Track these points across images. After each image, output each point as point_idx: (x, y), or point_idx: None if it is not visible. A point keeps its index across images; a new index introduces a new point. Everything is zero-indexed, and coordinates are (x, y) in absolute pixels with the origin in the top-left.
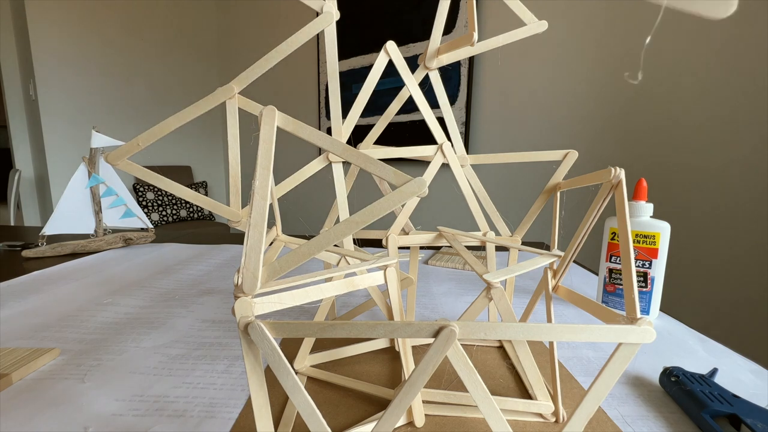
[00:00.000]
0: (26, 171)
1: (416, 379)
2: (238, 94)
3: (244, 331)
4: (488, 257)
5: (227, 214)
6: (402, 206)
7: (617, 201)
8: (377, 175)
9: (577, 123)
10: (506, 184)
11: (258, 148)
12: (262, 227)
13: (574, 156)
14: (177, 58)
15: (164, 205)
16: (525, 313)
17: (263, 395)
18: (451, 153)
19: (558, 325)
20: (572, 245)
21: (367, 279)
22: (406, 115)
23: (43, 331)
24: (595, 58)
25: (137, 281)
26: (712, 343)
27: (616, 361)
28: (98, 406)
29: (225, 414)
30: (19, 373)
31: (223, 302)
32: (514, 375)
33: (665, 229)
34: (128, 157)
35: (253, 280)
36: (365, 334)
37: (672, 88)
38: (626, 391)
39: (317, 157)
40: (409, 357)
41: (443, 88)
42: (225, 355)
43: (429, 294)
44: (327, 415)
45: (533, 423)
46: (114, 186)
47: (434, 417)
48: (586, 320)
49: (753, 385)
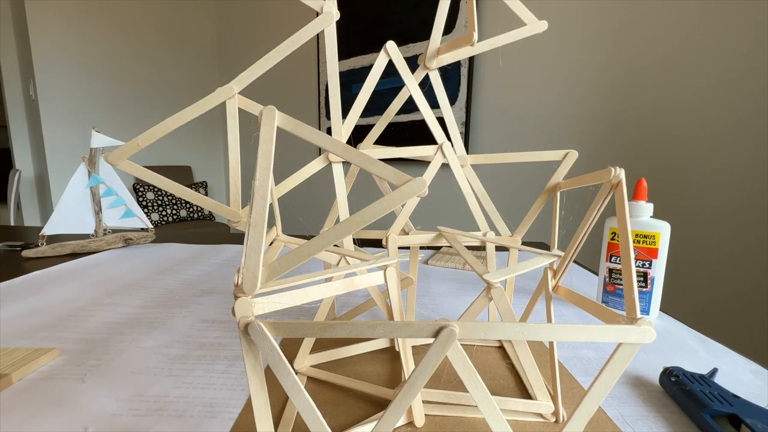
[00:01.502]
0: (26, 171)
1: (416, 379)
2: (238, 94)
3: (244, 331)
4: (488, 257)
5: (227, 214)
6: (402, 206)
7: (617, 201)
8: (377, 175)
9: (577, 123)
10: (506, 184)
11: (258, 148)
12: (262, 227)
13: (574, 156)
14: (177, 58)
15: (164, 205)
16: (525, 313)
17: (263, 395)
18: (451, 153)
19: (558, 325)
20: (572, 245)
21: (367, 279)
22: (406, 115)
23: (43, 331)
24: (596, 58)
25: (137, 281)
26: (712, 343)
27: (616, 361)
28: (98, 406)
29: (225, 414)
30: (19, 373)
31: (223, 302)
32: (514, 375)
33: (665, 229)
34: (128, 157)
35: (253, 280)
36: (365, 334)
37: (672, 88)
38: (626, 391)
39: (317, 157)
40: (409, 357)
41: (443, 88)
42: (225, 355)
43: (429, 294)
44: (327, 415)
45: (533, 423)
46: (114, 186)
47: (434, 417)
48: (586, 320)
49: (753, 385)
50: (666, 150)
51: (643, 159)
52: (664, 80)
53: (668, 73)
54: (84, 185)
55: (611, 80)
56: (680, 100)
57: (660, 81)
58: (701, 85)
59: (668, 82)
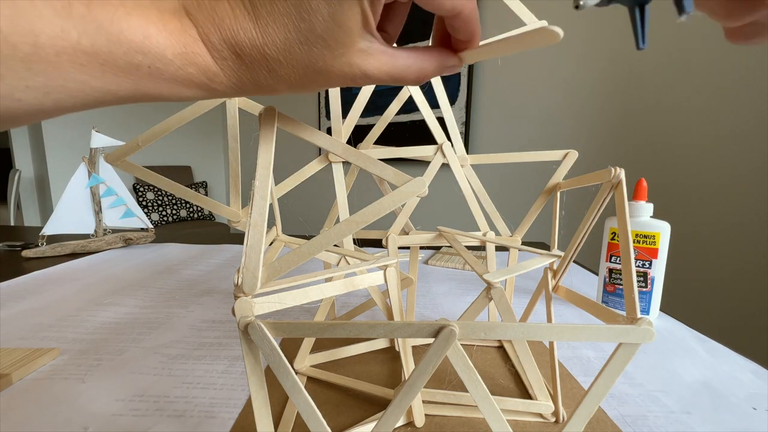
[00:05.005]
0: (26, 171)
1: (416, 380)
2: None
3: (244, 331)
4: (488, 257)
5: (227, 214)
6: (402, 206)
7: (617, 201)
8: (377, 175)
9: (577, 123)
10: (506, 184)
11: (258, 148)
12: (262, 227)
13: (574, 156)
14: None
15: (164, 205)
16: (525, 313)
17: (263, 395)
18: (451, 153)
19: (558, 325)
20: (572, 245)
21: (367, 279)
22: (406, 115)
23: (43, 331)
24: (596, 57)
25: (137, 281)
26: (712, 343)
27: (616, 361)
28: (98, 406)
29: (225, 414)
30: (19, 373)
31: (223, 302)
32: (514, 375)
33: (665, 229)
34: (128, 157)
35: (253, 280)
36: (365, 334)
37: (672, 88)
38: (626, 391)
39: (317, 157)
40: (409, 357)
41: (443, 88)
42: (225, 355)
43: (429, 294)
44: (327, 415)
45: (533, 423)
46: (114, 186)
47: (434, 417)
48: (586, 320)
49: (753, 385)
50: (666, 150)
51: (643, 159)
52: (665, 80)
53: (668, 73)
54: (84, 185)
55: (611, 80)
56: (681, 100)
57: (660, 81)
58: (702, 85)
59: (668, 82)
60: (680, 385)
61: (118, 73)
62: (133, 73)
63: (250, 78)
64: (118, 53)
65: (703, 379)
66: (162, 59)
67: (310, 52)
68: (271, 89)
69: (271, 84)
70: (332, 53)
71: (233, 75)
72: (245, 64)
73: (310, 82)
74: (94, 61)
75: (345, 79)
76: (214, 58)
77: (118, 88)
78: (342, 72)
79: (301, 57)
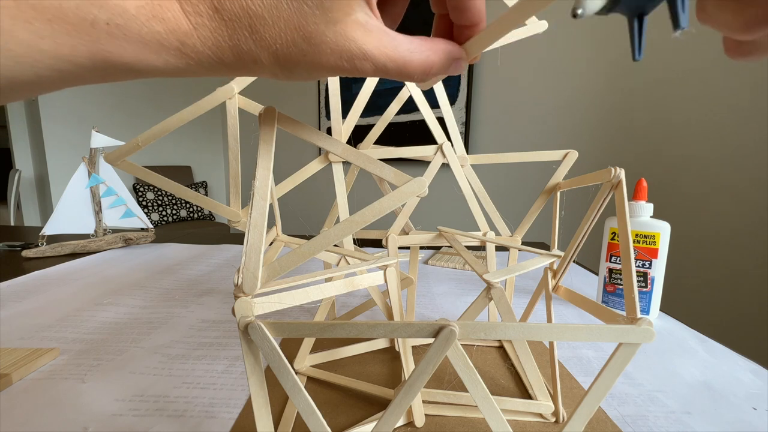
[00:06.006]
0: (26, 171)
1: (416, 380)
2: (238, 94)
3: (244, 331)
4: (488, 257)
5: (227, 214)
6: (402, 206)
7: (617, 201)
8: (377, 175)
9: (577, 123)
10: (506, 184)
11: (258, 148)
12: (262, 227)
13: (574, 156)
14: None
15: (164, 205)
16: (525, 313)
17: (263, 395)
18: (451, 153)
19: (558, 325)
20: (572, 245)
21: (367, 279)
22: (406, 115)
23: (43, 331)
24: (596, 58)
25: (137, 281)
26: (712, 343)
27: (616, 361)
28: (98, 406)
29: (225, 414)
30: (19, 373)
31: (223, 302)
32: (514, 375)
33: (665, 229)
34: (128, 157)
35: (253, 280)
36: (365, 334)
37: (672, 88)
38: (626, 391)
39: (317, 157)
40: (409, 357)
41: (443, 88)
42: (225, 355)
43: (429, 294)
44: (327, 415)
45: (533, 423)
46: (114, 186)
47: (434, 417)
48: (586, 320)
49: (753, 385)
50: (666, 150)
51: (643, 159)
52: (665, 80)
53: (669, 73)
54: (84, 185)
55: (611, 80)
56: (681, 100)
57: (660, 81)
58: (702, 84)
59: (669, 82)
60: (680, 385)
61: (71, 31)
62: (89, 32)
63: (229, 41)
64: (69, 6)
65: (703, 379)
66: (123, 13)
67: (300, 9)
68: (253, 60)
69: (253, 51)
70: (325, 16)
71: (209, 36)
72: (224, 21)
73: (298, 56)
74: (42, 16)
75: (340, 56)
76: (186, 13)
77: (72, 52)
78: (337, 46)
79: (289, 15)
